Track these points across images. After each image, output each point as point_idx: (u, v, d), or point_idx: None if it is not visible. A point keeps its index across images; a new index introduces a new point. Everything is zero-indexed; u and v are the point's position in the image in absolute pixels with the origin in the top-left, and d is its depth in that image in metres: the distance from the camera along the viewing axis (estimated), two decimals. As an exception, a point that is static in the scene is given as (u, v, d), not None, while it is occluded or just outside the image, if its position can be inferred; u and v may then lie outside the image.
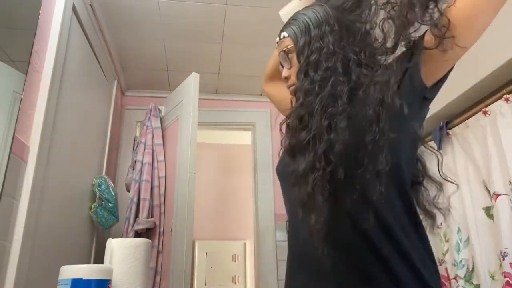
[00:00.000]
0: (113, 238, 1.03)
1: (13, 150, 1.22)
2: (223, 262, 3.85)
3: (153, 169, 2.27)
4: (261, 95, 2.93)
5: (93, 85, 2.12)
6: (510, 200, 1.60)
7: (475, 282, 1.73)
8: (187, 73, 2.28)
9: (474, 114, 1.90)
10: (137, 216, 2.16)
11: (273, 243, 2.61)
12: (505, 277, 1.53)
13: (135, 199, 2.18)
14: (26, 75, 1.31)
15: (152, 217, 2.18)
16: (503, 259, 1.55)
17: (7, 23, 1.29)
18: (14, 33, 1.34)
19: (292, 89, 0.91)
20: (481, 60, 1.73)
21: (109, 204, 1.99)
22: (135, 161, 2.30)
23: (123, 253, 0.99)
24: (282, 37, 0.94)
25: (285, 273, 0.92)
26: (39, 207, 1.38)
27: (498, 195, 1.64)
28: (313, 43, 0.86)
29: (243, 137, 3.39)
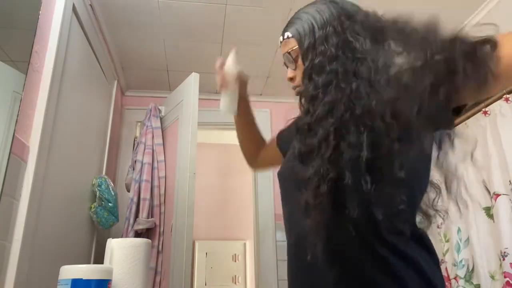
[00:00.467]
0: (113, 238, 1.03)
1: (13, 150, 1.22)
2: (223, 262, 3.85)
3: (153, 169, 2.27)
4: (261, 95, 2.93)
5: (93, 85, 2.12)
6: (510, 200, 1.60)
7: (475, 282, 1.73)
8: (187, 73, 2.28)
9: (474, 114, 1.90)
10: (137, 216, 2.16)
11: (273, 243, 2.61)
12: (505, 277, 1.54)
13: (135, 199, 2.18)
14: (26, 75, 1.31)
15: (152, 217, 2.18)
16: (503, 259, 1.55)
17: (7, 23, 1.29)
18: (14, 33, 1.34)
19: (297, 90, 0.91)
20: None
21: (109, 204, 1.99)
22: (135, 161, 2.30)
23: (123, 253, 0.99)
24: (286, 37, 0.92)
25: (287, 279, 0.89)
26: (39, 207, 1.37)
27: (498, 195, 1.64)
28: (317, 45, 0.83)
29: (243, 137, 3.38)
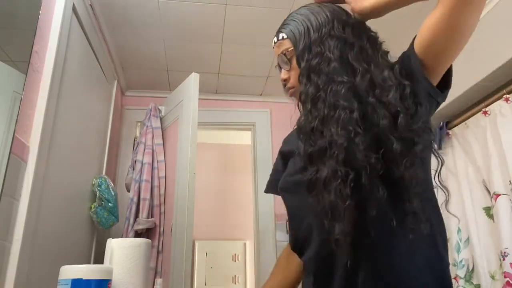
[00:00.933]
0: (113, 238, 1.03)
1: (13, 150, 1.22)
2: (223, 262, 3.85)
3: (153, 169, 2.27)
4: (261, 95, 2.93)
5: (93, 85, 2.12)
6: (510, 200, 1.60)
7: (475, 282, 1.73)
8: (187, 73, 2.28)
9: (474, 114, 1.90)
10: (137, 216, 2.16)
11: (273, 243, 2.61)
12: (505, 277, 1.54)
13: (135, 199, 2.18)
14: (26, 75, 1.31)
15: (152, 217, 2.18)
16: (503, 259, 1.55)
17: (7, 23, 1.29)
18: (14, 33, 1.34)
19: (291, 91, 0.91)
20: (481, 60, 1.73)
21: (109, 204, 1.99)
22: (135, 161, 2.30)
23: (123, 253, 0.99)
24: (280, 38, 0.91)
25: None
26: (39, 207, 1.37)
27: (498, 195, 1.64)
28: (313, 47, 0.83)
29: (243, 137, 3.39)
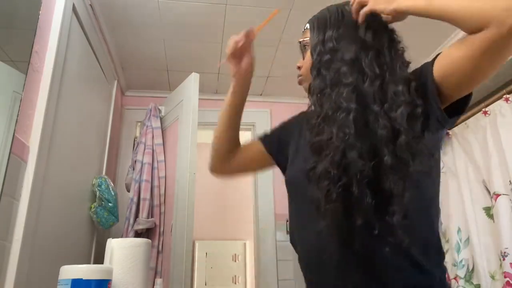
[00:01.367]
0: (113, 238, 1.04)
1: (13, 150, 1.22)
2: (223, 262, 3.85)
3: (153, 169, 2.27)
4: (261, 95, 2.93)
5: (93, 85, 2.12)
6: (510, 200, 1.60)
7: (475, 282, 1.73)
8: (187, 73, 2.28)
9: (474, 114, 1.90)
10: (137, 216, 2.16)
11: (273, 243, 2.61)
12: (505, 277, 1.54)
13: (135, 199, 2.18)
14: (26, 75, 1.31)
15: (152, 217, 2.17)
16: (503, 259, 1.55)
17: (7, 23, 1.29)
18: (14, 33, 1.34)
19: (299, 79, 0.96)
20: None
21: (109, 204, 1.99)
22: (135, 161, 2.30)
23: (123, 253, 0.99)
24: (305, 27, 0.94)
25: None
26: (39, 207, 1.37)
27: (498, 195, 1.64)
28: (328, 43, 0.84)
29: (243, 137, 3.36)
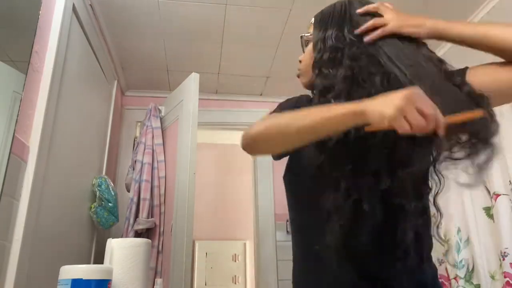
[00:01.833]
0: (113, 238, 1.04)
1: (13, 150, 1.22)
2: (223, 262, 3.84)
3: (153, 169, 2.27)
4: (261, 95, 2.93)
5: (93, 85, 2.12)
6: (510, 200, 1.60)
7: (475, 282, 1.73)
8: (187, 73, 2.28)
9: (474, 114, 1.90)
10: (137, 216, 2.16)
11: (273, 243, 2.61)
12: (505, 277, 1.54)
13: (135, 199, 2.18)
14: (26, 75, 1.31)
15: (152, 217, 2.17)
16: (503, 259, 1.55)
17: (7, 23, 1.29)
18: (14, 33, 1.34)
19: (297, 73, 0.99)
20: (481, 60, 1.72)
21: (109, 204, 1.99)
22: (135, 161, 2.30)
23: (123, 253, 0.99)
24: (311, 21, 0.93)
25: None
26: (39, 207, 1.37)
27: (498, 195, 1.64)
28: (327, 40, 0.84)
29: (243, 137, 3.38)
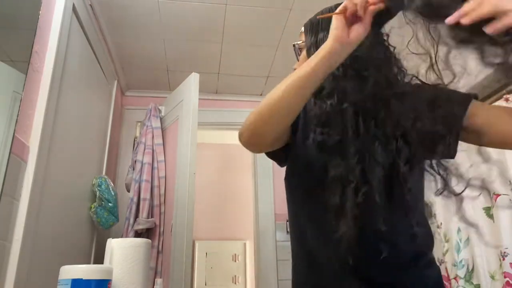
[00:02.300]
0: (113, 238, 1.03)
1: (13, 150, 1.22)
2: (223, 262, 3.84)
3: (153, 169, 2.27)
4: (261, 95, 2.93)
5: (93, 85, 2.12)
6: (510, 200, 1.60)
7: (475, 282, 1.73)
8: (187, 73, 2.28)
9: (474, 114, 1.90)
10: (137, 216, 2.16)
11: (273, 243, 2.61)
12: (505, 277, 1.54)
13: (135, 199, 2.18)
14: (26, 75, 1.31)
15: (152, 217, 2.17)
16: (503, 259, 1.55)
17: (7, 23, 1.29)
18: (14, 33, 1.34)
19: None
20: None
21: (109, 204, 1.99)
22: (135, 161, 2.30)
23: (123, 253, 0.99)
24: (301, 30, 0.94)
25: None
26: (39, 207, 1.37)
27: (498, 195, 1.64)
28: (319, 44, 0.83)
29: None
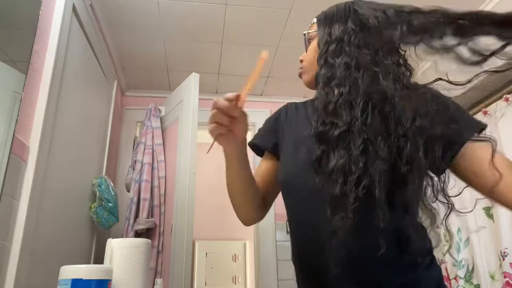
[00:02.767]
0: (113, 238, 1.03)
1: (13, 150, 1.22)
2: (223, 262, 3.85)
3: (153, 169, 2.27)
4: (260, 95, 2.93)
5: (93, 85, 2.12)
6: (510, 200, 1.60)
7: (475, 282, 1.73)
8: (187, 73, 2.28)
9: (474, 114, 1.90)
10: (137, 216, 2.16)
11: (273, 243, 2.61)
12: (505, 277, 1.54)
13: (135, 199, 2.18)
14: (26, 75, 1.31)
15: (152, 217, 2.17)
16: (503, 259, 1.55)
17: (7, 23, 1.29)
18: (14, 33, 1.34)
19: (299, 71, 0.97)
20: (481, 60, 1.73)
21: (109, 204, 1.99)
22: (135, 161, 2.30)
23: (123, 253, 0.99)
24: (313, 21, 0.95)
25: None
26: (39, 207, 1.37)
27: (498, 195, 1.64)
28: (333, 33, 0.85)
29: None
